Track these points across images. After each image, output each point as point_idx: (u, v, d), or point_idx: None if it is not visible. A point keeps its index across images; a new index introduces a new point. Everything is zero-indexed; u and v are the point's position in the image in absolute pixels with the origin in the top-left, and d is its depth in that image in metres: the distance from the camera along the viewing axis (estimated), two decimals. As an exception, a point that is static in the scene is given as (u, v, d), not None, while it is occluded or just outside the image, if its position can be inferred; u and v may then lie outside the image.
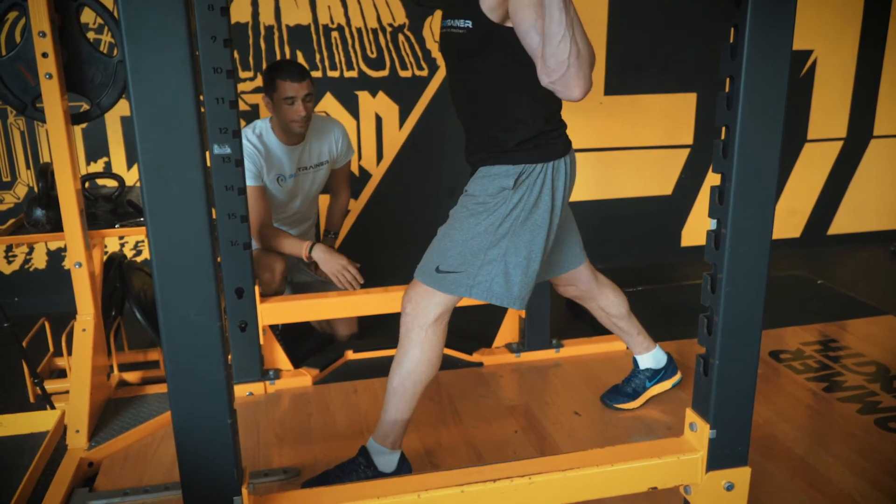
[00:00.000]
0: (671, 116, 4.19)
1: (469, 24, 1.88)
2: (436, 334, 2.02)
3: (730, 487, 1.58)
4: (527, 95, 1.93)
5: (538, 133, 1.97)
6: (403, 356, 2.03)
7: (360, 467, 2.07)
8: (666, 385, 2.56)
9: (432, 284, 1.99)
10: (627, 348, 2.71)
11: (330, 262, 2.88)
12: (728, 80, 1.39)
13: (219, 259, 1.28)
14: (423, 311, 2.00)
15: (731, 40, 1.37)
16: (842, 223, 4.69)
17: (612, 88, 4.06)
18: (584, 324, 3.32)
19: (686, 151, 4.27)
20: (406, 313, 2.03)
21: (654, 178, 4.30)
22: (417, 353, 2.01)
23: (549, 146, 2.00)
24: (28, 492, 2.03)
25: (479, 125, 2.03)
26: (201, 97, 1.22)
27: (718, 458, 1.57)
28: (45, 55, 2.12)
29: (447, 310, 2.02)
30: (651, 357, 2.55)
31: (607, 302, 2.48)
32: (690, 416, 1.60)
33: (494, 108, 1.97)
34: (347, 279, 2.86)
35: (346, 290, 2.86)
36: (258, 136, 2.95)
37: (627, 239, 4.36)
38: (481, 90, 1.98)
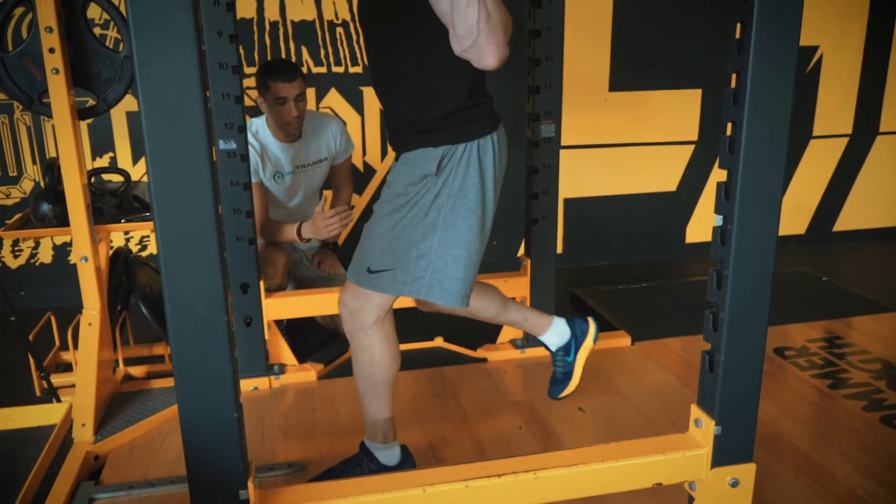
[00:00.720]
0: (676, 113, 4.18)
1: None
2: (379, 333, 1.96)
3: (735, 484, 1.58)
4: (444, 65, 1.77)
5: (457, 108, 1.83)
6: (356, 362, 2.00)
7: (362, 462, 2.08)
8: (588, 345, 2.45)
9: (366, 285, 1.90)
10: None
11: (317, 227, 2.79)
12: (734, 75, 1.39)
13: (224, 254, 1.29)
14: (360, 314, 1.94)
15: (738, 36, 1.37)
16: (847, 220, 4.68)
17: (616, 85, 4.05)
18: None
19: (691, 148, 4.27)
20: (344, 319, 1.98)
21: (659, 174, 4.29)
22: (368, 356, 1.97)
23: (472, 123, 1.85)
24: (36, 484, 2.04)
25: (397, 101, 1.91)
26: (207, 93, 1.22)
27: (723, 454, 1.56)
28: (51, 51, 2.12)
29: (385, 309, 1.95)
30: (554, 333, 2.44)
31: (480, 305, 2.32)
32: (695, 412, 1.60)
33: (411, 81, 1.85)
34: (339, 224, 2.74)
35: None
36: (254, 134, 2.96)
37: (632, 235, 4.36)
38: (397, 62, 1.85)
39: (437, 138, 1.83)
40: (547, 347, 2.49)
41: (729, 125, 1.42)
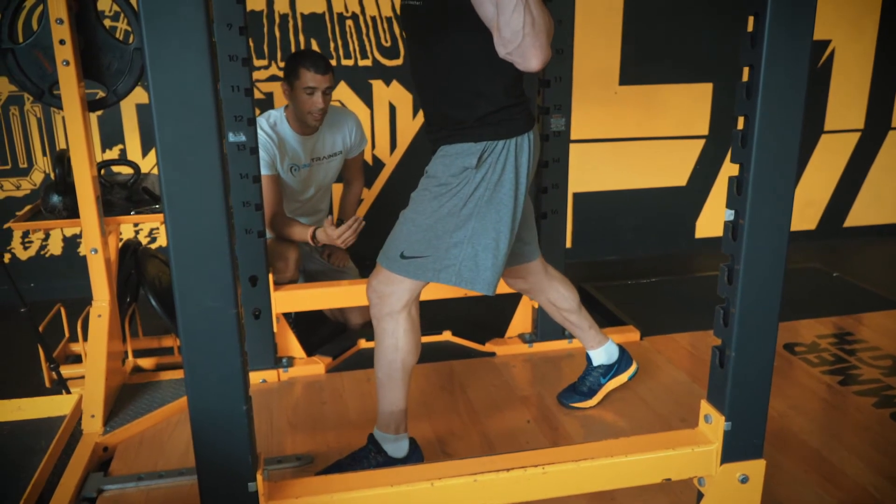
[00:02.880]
0: (686, 107, 4.16)
1: None
2: (407, 320, 1.99)
3: (744, 480, 1.58)
4: (486, 67, 1.85)
5: (499, 108, 1.90)
6: (380, 348, 2.01)
7: (370, 454, 2.08)
8: (622, 378, 2.50)
9: (398, 271, 1.95)
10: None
11: (331, 239, 2.82)
12: (747, 69, 1.38)
13: (234, 246, 1.29)
14: (389, 299, 1.97)
15: (751, 29, 1.36)
16: (858, 215, 4.65)
17: (627, 78, 4.03)
18: (597, 314, 3.32)
19: (701, 142, 4.25)
20: (373, 304, 2.00)
21: (669, 169, 4.28)
22: (393, 342, 1.99)
23: (512, 122, 1.92)
24: (45, 475, 2.05)
25: (439, 101, 1.97)
26: (218, 85, 1.22)
27: (733, 450, 1.56)
28: (62, 42, 2.12)
29: (415, 295, 1.99)
30: (604, 352, 2.48)
31: (557, 296, 2.40)
32: (705, 407, 1.59)
33: (454, 82, 1.91)
34: (353, 235, 2.79)
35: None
36: (272, 126, 2.95)
37: (641, 230, 4.34)
38: (440, 64, 1.92)
39: (478, 134, 1.90)
40: (589, 360, 2.51)
41: (741, 119, 1.41)
